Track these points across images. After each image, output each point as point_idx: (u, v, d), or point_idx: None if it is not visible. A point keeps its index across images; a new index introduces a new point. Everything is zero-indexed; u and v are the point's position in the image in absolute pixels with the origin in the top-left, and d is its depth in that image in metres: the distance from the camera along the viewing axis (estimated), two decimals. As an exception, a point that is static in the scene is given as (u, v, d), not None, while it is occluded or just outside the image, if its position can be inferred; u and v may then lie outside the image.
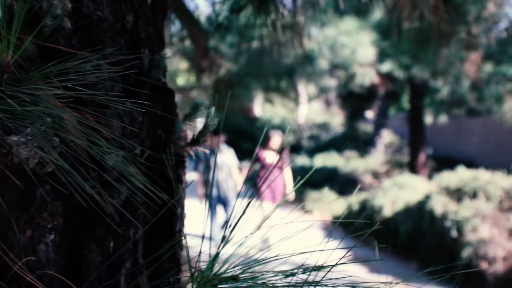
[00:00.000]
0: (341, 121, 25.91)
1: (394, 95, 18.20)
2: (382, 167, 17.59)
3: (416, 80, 12.66)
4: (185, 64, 6.57)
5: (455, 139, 19.77)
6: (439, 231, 7.59)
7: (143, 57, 1.16)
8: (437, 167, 14.92)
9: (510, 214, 7.12)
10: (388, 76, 13.95)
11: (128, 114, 1.08)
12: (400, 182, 10.16)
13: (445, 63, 3.71)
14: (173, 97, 1.28)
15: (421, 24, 3.26)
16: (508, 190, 7.49)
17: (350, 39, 12.71)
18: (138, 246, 1.14)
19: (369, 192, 11.15)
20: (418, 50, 3.64)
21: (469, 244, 6.95)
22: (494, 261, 6.67)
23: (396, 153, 20.77)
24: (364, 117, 22.90)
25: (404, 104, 23.10)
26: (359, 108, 19.32)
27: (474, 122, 17.73)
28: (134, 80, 1.13)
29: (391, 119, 22.73)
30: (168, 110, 1.22)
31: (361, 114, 20.68)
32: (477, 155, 17.61)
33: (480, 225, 7.06)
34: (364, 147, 21.16)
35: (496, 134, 16.74)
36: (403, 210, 9.02)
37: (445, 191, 8.16)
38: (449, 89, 12.68)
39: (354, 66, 13.68)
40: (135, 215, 1.12)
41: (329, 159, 18.30)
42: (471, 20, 3.58)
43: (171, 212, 1.24)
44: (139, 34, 1.18)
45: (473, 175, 8.11)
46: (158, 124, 1.20)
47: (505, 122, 6.29)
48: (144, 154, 1.14)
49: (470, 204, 7.44)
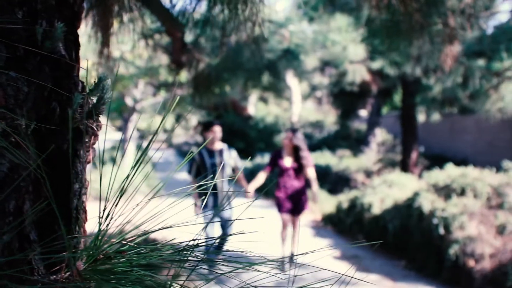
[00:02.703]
0: (335, 120, 25.88)
1: (386, 93, 18.14)
2: (375, 166, 17.54)
3: (407, 77, 12.58)
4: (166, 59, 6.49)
5: (448, 138, 19.73)
6: (427, 228, 7.51)
7: (36, 29, 1.14)
8: (429, 165, 14.83)
9: (498, 211, 7.04)
10: (380, 73, 13.89)
11: (11, 85, 1.07)
12: (390, 180, 10.09)
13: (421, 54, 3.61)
14: (71, 70, 1.25)
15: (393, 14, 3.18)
16: (496, 187, 7.41)
17: (340, 36, 12.64)
18: (25, 221, 1.12)
19: (359, 190, 11.07)
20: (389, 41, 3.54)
21: (456, 241, 6.87)
22: (481, 258, 6.59)
23: (389, 151, 20.74)
24: (357, 116, 22.86)
25: (397, 102, 23.05)
26: (351, 107, 19.25)
27: (467, 120, 17.68)
28: (24, 51, 1.12)
29: (384, 118, 22.70)
30: (64, 83, 1.21)
31: (354, 113, 20.62)
32: (470, 153, 17.57)
33: (468, 222, 6.98)
34: (357, 146, 21.14)
35: (489, 133, 16.69)
36: (391, 208, 8.94)
37: (433, 188, 8.08)
38: (441, 86, 12.61)
39: (345, 64, 13.61)
40: (18, 188, 1.10)
41: (322, 157, 18.24)
42: (447, 11, 3.50)
43: (67, 187, 1.22)
44: (37, 6, 1.17)
45: (461, 172, 8.03)
46: (52, 96, 1.18)
47: (490, 118, 6.21)
48: (29, 127, 1.12)
49: (458, 201, 7.37)
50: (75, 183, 1.23)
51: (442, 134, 20.13)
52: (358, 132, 23.20)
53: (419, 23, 3.25)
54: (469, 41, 10.50)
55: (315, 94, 25.36)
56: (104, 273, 1.08)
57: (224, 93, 7.49)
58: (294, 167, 7.67)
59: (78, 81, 1.28)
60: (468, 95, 12.14)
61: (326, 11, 11.71)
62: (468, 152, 17.76)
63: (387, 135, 23.36)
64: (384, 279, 7.40)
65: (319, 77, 18.40)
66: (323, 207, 11.87)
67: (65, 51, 1.26)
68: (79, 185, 1.26)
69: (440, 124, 17.81)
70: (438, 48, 3.62)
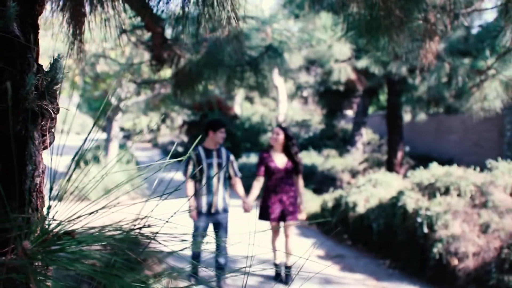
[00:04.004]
0: (320, 119, 25.90)
1: (372, 93, 18.14)
2: (361, 165, 17.54)
3: (393, 76, 12.57)
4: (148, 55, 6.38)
5: (434, 137, 19.79)
6: (411, 227, 7.48)
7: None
8: (415, 165, 14.85)
9: (482, 210, 7.03)
10: (365, 72, 13.86)
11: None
12: (375, 179, 10.06)
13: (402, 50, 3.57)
14: (25, 51, 1.24)
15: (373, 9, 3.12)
16: (480, 186, 7.40)
17: (326, 34, 12.60)
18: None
19: (344, 190, 11.04)
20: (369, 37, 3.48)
21: (440, 240, 6.85)
22: (464, 257, 6.57)
23: (375, 151, 20.77)
24: (343, 115, 22.87)
25: (384, 102, 23.09)
26: (337, 106, 19.23)
27: (453, 120, 17.72)
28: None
29: (370, 117, 22.73)
30: (16, 63, 1.20)
31: (340, 112, 20.61)
32: (456, 153, 17.62)
33: (452, 221, 6.96)
34: (343, 145, 21.15)
35: (475, 132, 16.75)
36: (376, 207, 8.91)
37: (417, 187, 8.06)
38: (426, 86, 12.61)
39: (331, 62, 13.58)
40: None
41: (307, 157, 18.21)
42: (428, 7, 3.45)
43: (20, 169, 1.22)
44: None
45: (445, 171, 8.01)
46: (4, 76, 1.18)
47: (473, 116, 6.19)
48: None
49: (442, 200, 7.35)
50: (28, 165, 1.23)
51: (428, 134, 20.18)
52: (344, 132, 23.22)
53: (399, 18, 3.20)
54: (455, 40, 10.52)
55: (301, 94, 25.32)
56: (51, 253, 1.07)
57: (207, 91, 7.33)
58: (287, 168, 6.89)
59: (32, 62, 1.27)
60: (454, 95, 12.16)
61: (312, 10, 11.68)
62: (454, 152, 17.81)
63: (373, 134, 23.41)
64: (368, 278, 7.36)
65: (305, 76, 18.36)
66: (308, 207, 11.83)
67: (21, 32, 1.25)
68: (33, 167, 1.25)
69: (426, 124, 17.83)
70: (418, 44, 3.58)
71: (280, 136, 6.88)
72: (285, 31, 6.64)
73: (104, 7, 3.19)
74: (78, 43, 3.15)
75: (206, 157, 6.44)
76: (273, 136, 6.98)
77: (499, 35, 4.96)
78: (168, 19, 4.22)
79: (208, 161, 6.43)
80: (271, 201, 6.85)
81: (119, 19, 3.53)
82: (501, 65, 6.02)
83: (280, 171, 6.87)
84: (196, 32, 3.40)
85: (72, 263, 1.03)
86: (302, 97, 32.39)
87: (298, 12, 14.83)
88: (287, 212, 6.83)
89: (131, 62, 8.47)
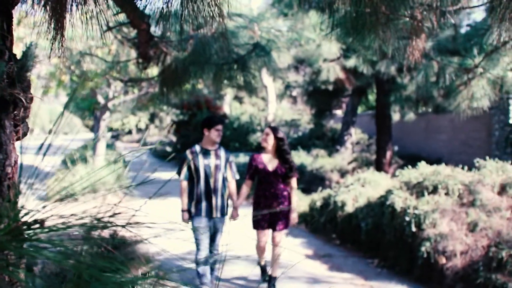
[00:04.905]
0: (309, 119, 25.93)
1: (361, 92, 18.16)
2: (350, 165, 17.56)
3: (381, 76, 12.57)
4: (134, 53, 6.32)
5: (423, 137, 19.84)
6: (399, 226, 7.47)
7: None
8: (404, 165, 14.88)
9: (469, 209, 7.03)
10: (354, 71, 13.87)
11: None
12: (363, 178, 10.05)
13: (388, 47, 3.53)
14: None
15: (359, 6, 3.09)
16: (468, 184, 7.41)
17: (314, 34, 12.59)
18: None
19: (332, 189, 11.03)
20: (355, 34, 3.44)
21: (428, 238, 6.84)
22: (452, 255, 6.57)
23: (364, 151, 20.80)
24: (332, 115, 22.89)
25: (373, 101, 23.15)
26: (325, 106, 19.22)
27: (442, 119, 17.78)
28: None
29: (359, 117, 22.76)
30: None
31: (329, 112, 20.60)
32: (445, 153, 17.68)
33: (439, 220, 6.95)
34: (332, 145, 21.17)
35: (464, 132, 16.81)
36: (364, 206, 8.90)
37: (406, 186, 8.05)
38: (415, 85, 12.62)
39: (320, 62, 13.57)
40: None
41: (296, 157, 18.20)
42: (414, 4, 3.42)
43: None
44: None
45: (433, 170, 8.01)
46: None
47: (461, 114, 6.19)
48: None
49: (430, 199, 7.34)
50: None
51: (417, 134, 20.24)
52: (333, 132, 23.24)
53: (385, 15, 3.18)
54: (443, 39, 10.52)
55: (290, 93, 25.34)
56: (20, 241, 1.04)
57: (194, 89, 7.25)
58: (278, 171, 6.38)
59: (4, 50, 1.24)
60: (442, 94, 12.18)
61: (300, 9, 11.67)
62: (443, 152, 17.87)
63: (362, 134, 23.46)
64: (356, 278, 7.34)
65: (294, 75, 18.36)
66: (297, 207, 11.81)
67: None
68: (3, 156, 1.22)
69: (415, 123, 17.88)
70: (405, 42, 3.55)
71: (270, 137, 6.40)
72: (273, 30, 6.58)
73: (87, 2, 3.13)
74: (60, 38, 3.09)
75: (203, 157, 6.05)
76: (263, 137, 6.50)
77: (486, 33, 4.96)
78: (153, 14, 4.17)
79: (205, 162, 6.04)
80: (260, 207, 6.37)
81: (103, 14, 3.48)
82: (489, 64, 6.02)
83: (270, 174, 6.36)
84: (180, 28, 3.35)
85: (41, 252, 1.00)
86: (291, 96, 32.43)
87: (287, 11, 14.83)
88: (277, 219, 6.32)
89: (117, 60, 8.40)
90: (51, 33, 3.16)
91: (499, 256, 6.00)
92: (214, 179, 6.04)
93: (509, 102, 14.50)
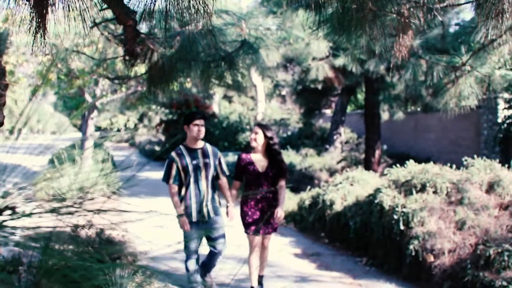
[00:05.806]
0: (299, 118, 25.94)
1: (350, 91, 18.18)
2: (339, 164, 17.58)
3: (370, 74, 12.58)
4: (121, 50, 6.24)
5: (412, 136, 19.90)
6: (388, 224, 7.47)
7: None
8: (393, 164, 14.93)
9: (457, 207, 7.03)
10: (343, 70, 13.87)
11: None
12: (352, 177, 10.05)
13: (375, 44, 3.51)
14: None
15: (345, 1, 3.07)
16: (456, 183, 7.42)
17: (303, 32, 12.56)
18: None
19: (321, 188, 11.02)
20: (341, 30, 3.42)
21: (416, 237, 6.83)
22: (440, 253, 6.57)
23: (353, 150, 20.83)
24: (321, 114, 22.91)
25: (362, 100, 23.19)
26: (314, 104, 19.22)
27: (431, 118, 17.84)
28: None
29: (348, 116, 22.81)
30: None
31: (318, 111, 20.60)
32: (434, 152, 17.74)
33: (428, 218, 6.96)
34: (321, 144, 21.18)
35: (453, 131, 16.88)
36: (353, 205, 8.90)
37: (394, 184, 8.05)
38: (404, 84, 12.65)
39: (309, 60, 13.56)
40: None
41: (285, 156, 18.19)
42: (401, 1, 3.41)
43: None
44: None
45: (422, 168, 8.02)
46: None
47: (449, 112, 6.19)
48: None
49: (418, 197, 7.34)
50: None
51: (406, 133, 20.30)
52: (322, 131, 23.26)
53: (372, 11, 3.15)
54: (432, 38, 10.56)
55: (280, 92, 25.34)
56: None
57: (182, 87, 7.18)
58: (269, 173, 6.04)
59: None
60: (431, 93, 12.22)
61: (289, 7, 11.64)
62: (432, 151, 17.93)
63: (351, 133, 23.48)
64: (345, 276, 7.33)
65: (283, 74, 18.35)
66: (285, 206, 11.79)
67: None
68: None
69: (404, 122, 17.93)
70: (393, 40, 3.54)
71: (259, 136, 6.04)
72: (262, 28, 6.54)
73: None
74: (42, 32, 3.04)
75: (190, 158, 5.76)
76: (252, 136, 6.11)
77: (474, 31, 4.95)
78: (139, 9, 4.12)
79: (194, 163, 5.74)
80: (250, 210, 6.01)
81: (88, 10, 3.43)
82: (476, 62, 6.02)
83: (260, 175, 6.01)
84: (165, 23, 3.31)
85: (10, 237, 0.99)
86: (281, 95, 32.41)
87: (276, 9, 14.82)
88: (268, 222, 6.02)
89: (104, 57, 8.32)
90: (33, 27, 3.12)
91: (487, 254, 6.01)
92: (205, 178, 5.77)
93: (497, 101, 14.58)
